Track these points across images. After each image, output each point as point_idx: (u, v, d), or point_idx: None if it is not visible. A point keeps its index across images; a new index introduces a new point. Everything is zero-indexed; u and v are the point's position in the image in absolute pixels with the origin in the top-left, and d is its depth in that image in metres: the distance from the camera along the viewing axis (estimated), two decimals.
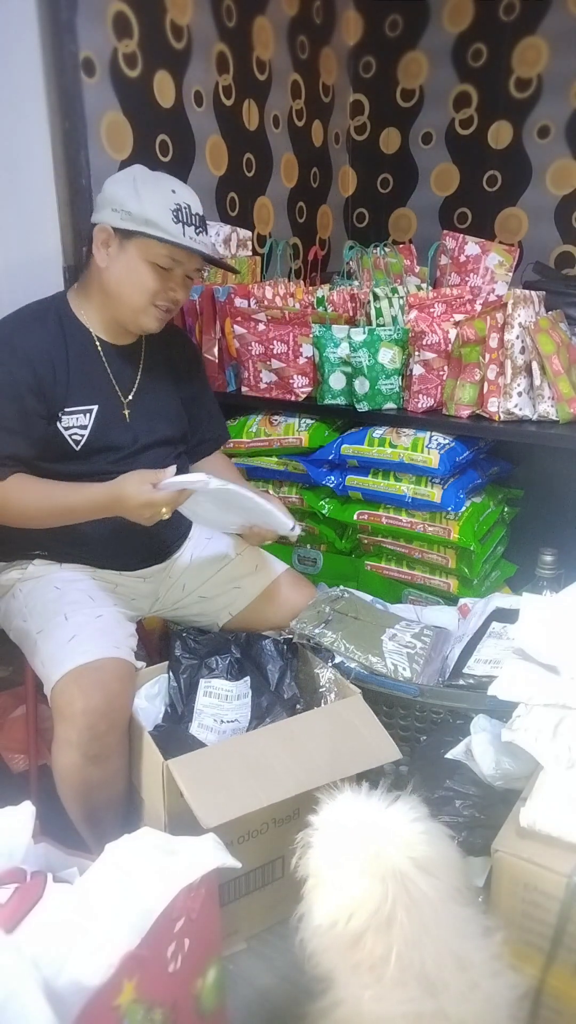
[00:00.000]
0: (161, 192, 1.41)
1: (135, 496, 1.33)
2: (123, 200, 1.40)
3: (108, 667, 1.34)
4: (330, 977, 0.92)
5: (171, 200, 1.40)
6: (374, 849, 0.88)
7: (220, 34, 2.43)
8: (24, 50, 1.85)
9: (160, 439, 1.58)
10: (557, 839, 1.07)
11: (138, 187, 1.41)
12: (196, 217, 1.44)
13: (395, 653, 1.55)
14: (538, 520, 2.07)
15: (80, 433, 1.46)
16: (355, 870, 0.88)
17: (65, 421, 1.45)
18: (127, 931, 0.89)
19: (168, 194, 1.41)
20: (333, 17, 2.96)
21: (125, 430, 1.52)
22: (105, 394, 1.50)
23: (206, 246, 1.46)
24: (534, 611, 1.34)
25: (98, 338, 1.51)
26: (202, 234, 1.45)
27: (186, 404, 1.67)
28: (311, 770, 1.26)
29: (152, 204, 1.39)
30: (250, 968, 1.37)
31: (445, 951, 0.86)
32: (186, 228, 1.41)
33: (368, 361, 1.83)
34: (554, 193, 2.78)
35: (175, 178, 1.49)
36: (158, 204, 1.39)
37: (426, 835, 0.91)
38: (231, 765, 1.25)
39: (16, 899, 0.94)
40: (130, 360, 1.56)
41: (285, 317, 1.94)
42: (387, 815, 0.92)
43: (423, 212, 3.09)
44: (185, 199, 1.43)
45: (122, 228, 1.40)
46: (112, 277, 1.44)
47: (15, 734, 1.79)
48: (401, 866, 0.87)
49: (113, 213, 1.41)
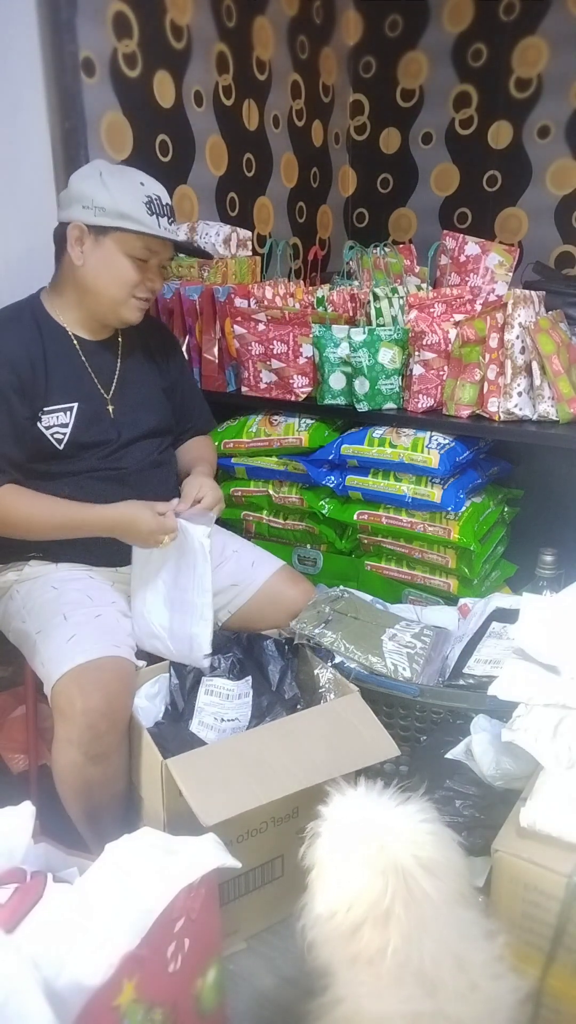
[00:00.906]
0: (131, 185, 1.43)
1: (148, 522, 1.41)
2: (92, 196, 1.41)
3: (108, 666, 1.34)
4: (329, 972, 0.92)
5: (142, 192, 1.42)
6: (379, 844, 0.88)
7: (220, 34, 2.43)
8: (24, 50, 1.85)
9: (146, 431, 1.58)
10: (557, 839, 1.07)
11: (106, 181, 1.41)
12: (167, 207, 1.47)
13: (395, 653, 1.55)
14: (538, 520, 2.07)
15: (61, 432, 1.47)
16: (358, 862, 0.88)
17: (45, 421, 1.46)
18: (127, 931, 0.89)
19: (138, 187, 1.43)
20: (333, 17, 2.96)
21: (110, 425, 1.53)
22: (86, 391, 1.51)
23: (178, 235, 1.49)
24: (534, 611, 1.34)
25: (75, 335, 1.51)
26: (173, 223, 1.49)
27: (168, 393, 1.68)
28: (310, 768, 1.26)
29: (124, 197, 1.40)
30: (250, 968, 1.37)
31: (444, 950, 0.86)
32: (160, 219, 1.44)
33: (368, 361, 1.83)
34: (554, 193, 2.78)
35: (138, 170, 1.50)
36: (130, 197, 1.41)
37: (433, 836, 0.91)
38: (230, 764, 1.25)
39: (16, 899, 0.94)
40: (108, 354, 1.56)
41: (285, 317, 1.94)
42: (396, 813, 0.93)
43: (423, 212, 3.09)
44: (154, 190, 1.45)
45: (96, 224, 1.41)
46: (89, 273, 1.45)
47: (15, 734, 1.79)
48: (404, 863, 0.87)
49: (84, 210, 1.42)
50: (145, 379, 1.62)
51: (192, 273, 2.19)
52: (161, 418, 1.63)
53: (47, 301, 1.52)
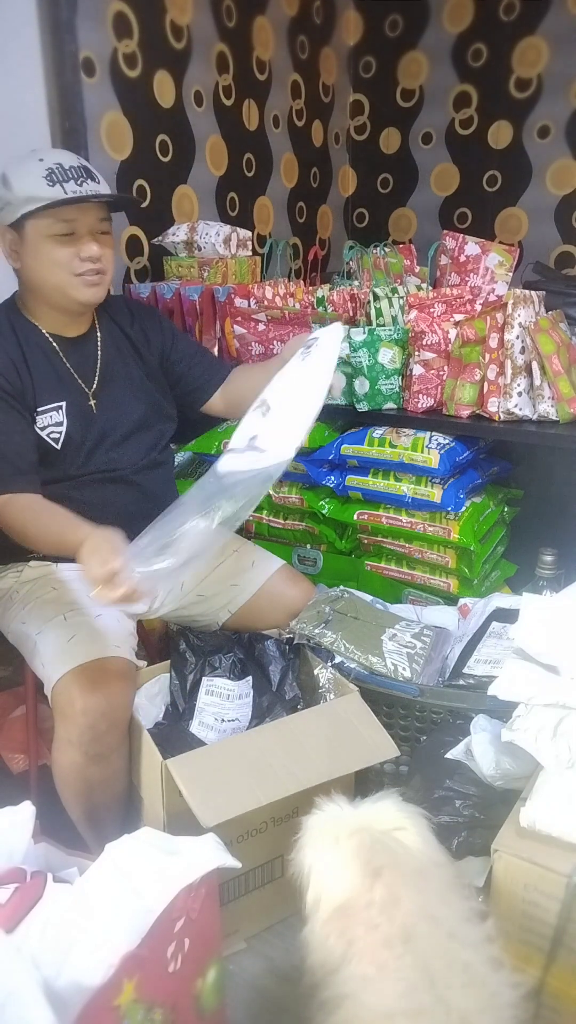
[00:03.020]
0: (28, 167, 1.37)
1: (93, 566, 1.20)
2: (1, 196, 1.38)
3: (108, 666, 1.34)
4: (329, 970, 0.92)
5: (40, 168, 1.36)
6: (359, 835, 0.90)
7: (220, 34, 2.43)
8: (24, 50, 1.86)
9: (134, 424, 1.56)
10: (557, 839, 1.07)
11: (7, 176, 1.37)
12: (72, 170, 1.37)
13: (395, 653, 1.55)
14: (538, 520, 2.07)
15: (57, 431, 1.46)
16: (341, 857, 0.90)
17: (40, 421, 1.45)
18: (127, 931, 0.89)
19: (35, 164, 1.36)
20: (333, 17, 2.96)
21: (93, 422, 1.51)
22: (68, 389, 1.49)
23: (91, 191, 1.39)
24: (534, 611, 1.34)
25: (50, 335, 1.49)
26: (85, 183, 1.38)
27: (165, 372, 1.63)
28: (309, 768, 1.26)
29: (23, 182, 1.35)
30: (250, 968, 1.37)
31: (443, 939, 0.87)
32: (64, 185, 1.36)
33: (368, 361, 1.83)
34: (554, 193, 2.78)
35: (46, 148, 1.45)
36: (29, 178, 1.35)
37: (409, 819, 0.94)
38: (230, 764, 1.25)
39: (16, 899, 0.94)
40: (87, 350, 1.54)
41: (285, 317, 1.94)
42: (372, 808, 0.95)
43: (423, 212, 3.09)
44: (54, 160, 1.37)
45: (12, 220, 1.38)
46: (28, 270, 1.42)
47: (15, 734, 1.79)
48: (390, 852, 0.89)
49: (1, 213, 1.39)
50: (128, 371, 1.58)
51: (192, 273, 2.19)
52: (148, 408, 1.59)
53: (21, 305, 1.50)
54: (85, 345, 1.54)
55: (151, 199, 2.28)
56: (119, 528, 1.54)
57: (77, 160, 1.41)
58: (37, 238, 1.38)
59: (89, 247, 1.40)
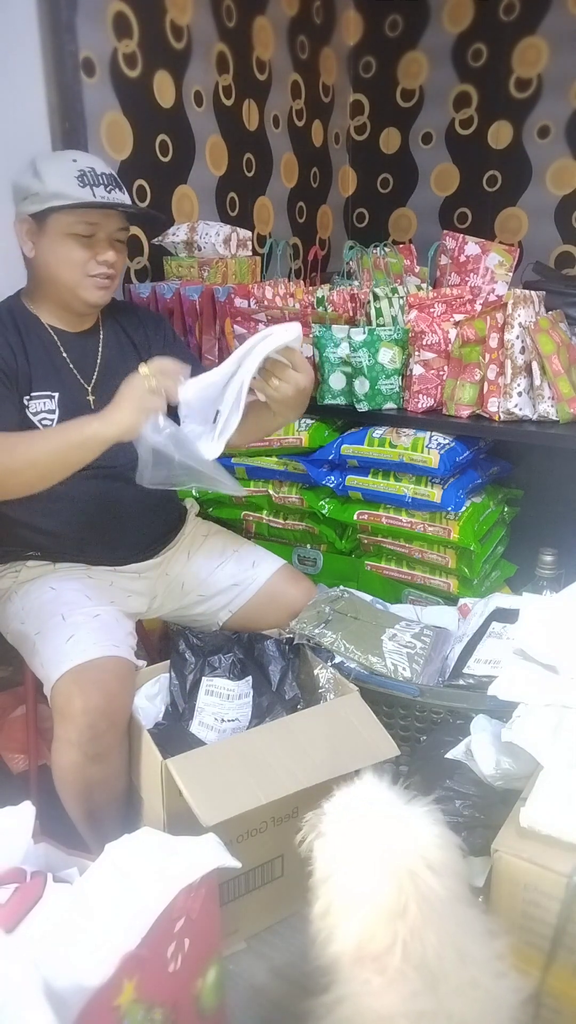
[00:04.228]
0: (61, 164, 1.41)
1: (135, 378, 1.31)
2: (28, 186, 1.41)
3: (107, 666, 1.34)
4: (332, 970, 0.92)
5: (73, 168, 1.40)
6: (388, 843, 0.88)
7: (220, 34, 2.43)
8: (24, 50, 1.85)
9: None
10: (557, 839, 1.07)
11: (38, 168, 1.40)
12: (104, 176, 1.43)
13: (395, 653, 1.55)
14: (538, 520, 2.07)
15: (49, 418, 1.46)
16: (368, 863, 0.87)
17: (32, 407, 1.45)
18: (127, 931, 0.89)
19: (69, 164, 1.41)
20: (333, 17, 2.96)
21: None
22: (66, 383, 1.50)
23: (117, 200, 1.44)
24: (534, 611, 1.34)
25: (53, 327, 1.51)
26: (114, 192, 1.44)
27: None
28: (310, 768, 1.26)
29: (54, 178, 1.39)
30: (250, 968, 1.37)
31: (448, 943, 0.86)
32: (94, 189, 1.40)
33: (368, 361, 1.83)
34: (554, 193, 2.77)
35: (79, 151, 1.48)
36: (61, 176, 1.39)
37: (439, 838, 0.91)
38: (229, 764, 1.25)
39: (16, 899, 0.94)
40: (88, 346, 1.55)
41: (285, 317, 1.94)
42: (403, 812, 0.92)
43: (423, 212, 3.09)
44: (88, 163, 1.42)
45: (36, 211, 1.40)
46: (42, 262, 1.44)
47: (15, 734, 1.79)
48: (413, 864, 0.87)
49: (24, 202, 1.42)
50: (128, 370, 1.55)
51: (192, 273, 2.19)
52: None
53: (26, 300, 1.52)
54: (86, 341, 1.55)
55: (151, 199, 2.28)
56: (116, 526, 1.55)
57: (108, 168, 1.45)
58: (58, 234, 1.41)
59: (107, 252, 1.44)
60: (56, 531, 1.51)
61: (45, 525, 1.51)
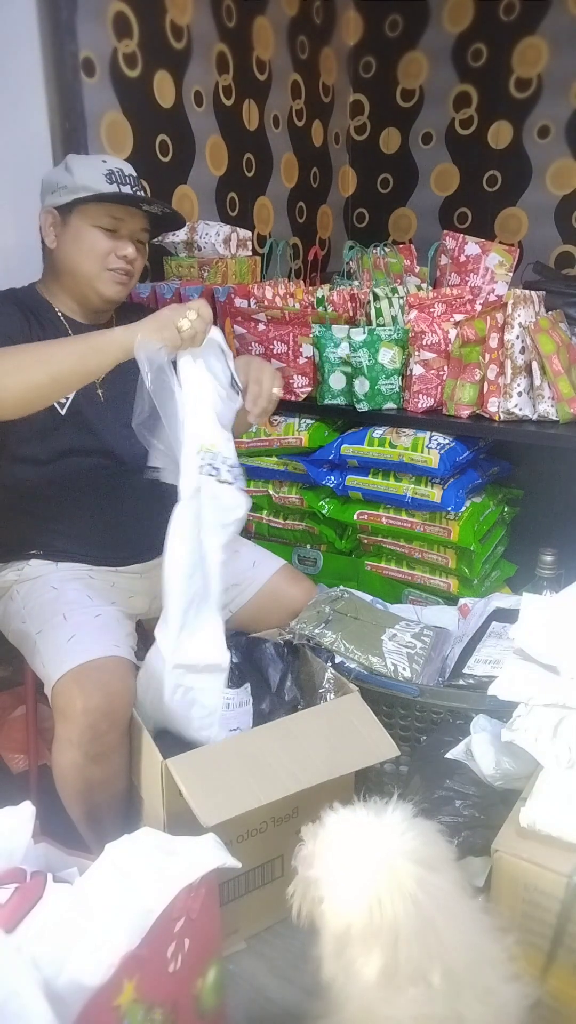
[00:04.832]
0: (91, 162, 1.48)
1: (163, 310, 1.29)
2: (57, 180, 1.46)
3: (108, 666, 1.34)
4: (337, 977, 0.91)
5: (103, 167, 1.46)
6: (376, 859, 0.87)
7: (220, 34, 2.43)
8: (24, 50, 1.86)
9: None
10: (557, 839, 1.07)
11: (69, 165, 1.47)
12: (131, 178, 1.49)
13: (395, 653, 1.55)
14: (538, 520, 2.07)
15: (64, 397, 1.47)
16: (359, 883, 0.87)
17: None
18: (127, 931, 0.89)
19: (99, 163, 1.47)
20: (333, 17, 2.96)
21: (103, 409, 1.52)
22: None
23: (142, 199, 1.49)
24: (534, 611, 1.34)
25: (66, 317, 1.52)
26: (139, 192, 1.50)
27: None
28: (309, 768, 1.26)
29: (84, 173, 1.44)
30: (250, 968, 1.37)
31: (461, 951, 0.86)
32: (121, 187, 1.46)
33: (368, 361, 1.83)
34: (554, 193, 2.78)
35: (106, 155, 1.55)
36: (90, 171, 1.45)
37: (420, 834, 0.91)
38: (230, 764, 1.25)
39: (16, 899, 0.94)
40: None
41: (285, 317, 1.94)
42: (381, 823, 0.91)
43: (423, 212, 3.09)
44: (116, 164, 1.48)
45: (62, 203, 1.44)
46: (63, 253, 1.47)
47: (15, 734, 1.79)
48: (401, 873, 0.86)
49: (52, 195, 1.46)
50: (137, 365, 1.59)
51: (192, 273, 2.19)
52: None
53: (42, 291, 1.54)
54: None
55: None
56: (118, 526, 1.55)
57: (133, 171, 1.50)
58: (83, 225, 1.45)
59: (127, 248, 1.48)
60: (58, 531, 1.51)
61: (48, 525, 1.51)
